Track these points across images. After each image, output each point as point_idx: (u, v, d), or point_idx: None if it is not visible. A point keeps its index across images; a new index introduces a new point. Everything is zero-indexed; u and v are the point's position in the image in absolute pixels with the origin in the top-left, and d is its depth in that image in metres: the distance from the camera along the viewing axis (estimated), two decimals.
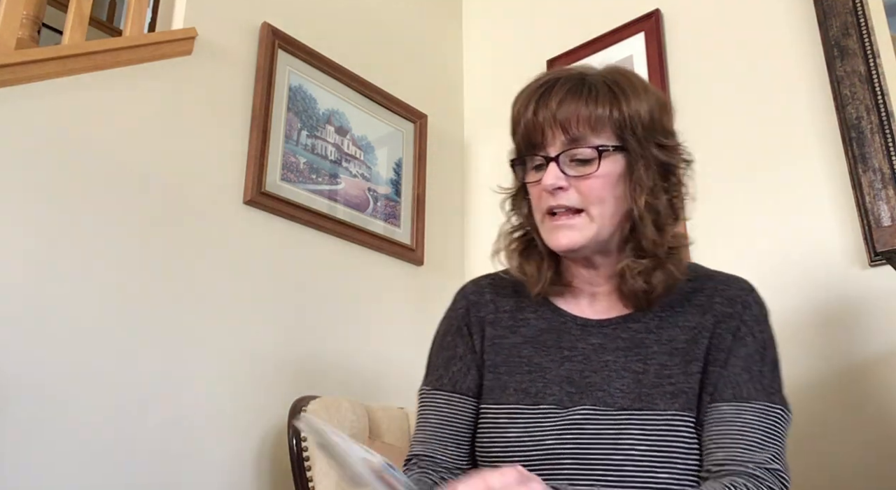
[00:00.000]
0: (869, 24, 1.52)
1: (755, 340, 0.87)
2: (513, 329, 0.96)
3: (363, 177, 1.92)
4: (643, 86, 0.90)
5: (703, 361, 0.86)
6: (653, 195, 0.87)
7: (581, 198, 0.86)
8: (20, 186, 1.27)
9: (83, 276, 1.32)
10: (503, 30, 2.33)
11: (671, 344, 0.88)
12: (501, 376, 0.93)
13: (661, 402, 0.84)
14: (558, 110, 0.86)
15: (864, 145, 1.45)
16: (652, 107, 0.88)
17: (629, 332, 0.90)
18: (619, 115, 0.86)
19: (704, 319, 0.89)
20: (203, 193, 1.55)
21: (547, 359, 0.91)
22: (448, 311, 1.04)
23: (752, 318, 0.88)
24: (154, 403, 1.36)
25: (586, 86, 0.87)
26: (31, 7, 1.47)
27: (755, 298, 0.91)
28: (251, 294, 1.58)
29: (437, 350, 1.02)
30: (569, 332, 0.93)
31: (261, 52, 1.74)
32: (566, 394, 0.88)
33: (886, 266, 1.35)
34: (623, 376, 0.87)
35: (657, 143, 0.88)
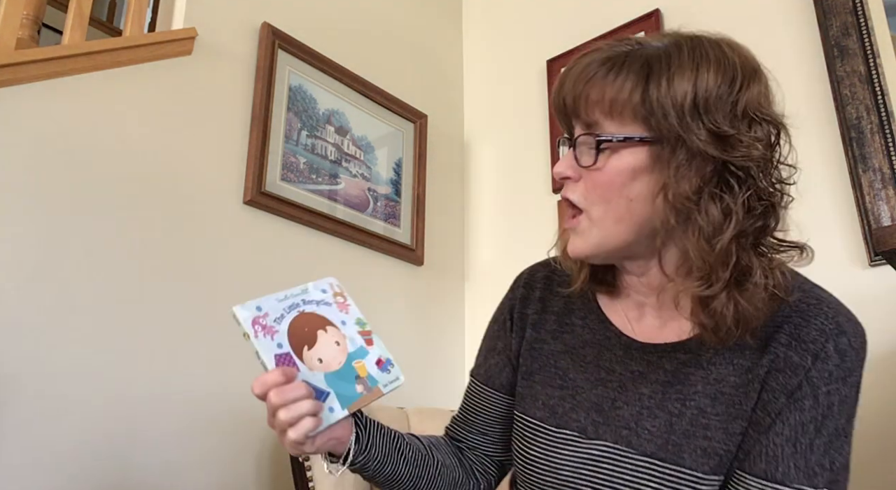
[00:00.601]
0: (869, 24, 1.52)
1: (816, 404, 0.69)
2: (555, 334, 0.88)
3: (363, 177, 1.92)
4: (707, 57, 0.71)
5: (747, 421, 0.71)
6: (690, 200, 0.69)
7: (585, 195, 0.74)
8: (20, 186, 1.27)
9: (83, 275, 1.32)
10: (503, 30, 2.33)
11: (718, 386, 0.73)
12: (534, 385, 0.87)
13: (689, 458, 0.72)
14: (573, 89, 0.74)
15: (864, 145, 1.45)
16: (711, 83, 0.69)
17: (675, 363, 0.76)
18: (640, 98, 0.69)
19: (762, 361, 0.71)
20: (203, 193, 1.55)
21: (582, 376, 0.83)
22: (505, 295, 0.97)
23: (822, 375, 0.69)
24: (154, 403, 1.36)
25: (621, 61, 0.72)
26: (31, 7, 1.47)
27: (839, 345, 0.70)
28: (251, 294, 1.57)
29: (486, 335, 0.98)
30: (611, 351, 0.82)
31: (261, 52, 1.74)
32: (591, 422, 0.79)
33: (886, 266, 1.35)
34: (655, 415, 0.75)
35: (711, 130, 0.68)
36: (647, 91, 0.69)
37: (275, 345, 0.76)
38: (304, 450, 0.74)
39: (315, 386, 0.74)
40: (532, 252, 2.21)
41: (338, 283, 0.85)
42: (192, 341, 1.45)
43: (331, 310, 0.82)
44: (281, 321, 0.78)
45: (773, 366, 0.71)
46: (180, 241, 1.48)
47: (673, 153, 0.69)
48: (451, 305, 2.06)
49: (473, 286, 2.12)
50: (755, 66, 0.73)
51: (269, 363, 0.75)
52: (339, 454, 0.80)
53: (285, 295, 0.81)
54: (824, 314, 0.72)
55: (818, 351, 0.69)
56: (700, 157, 0.69)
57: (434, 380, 1.93)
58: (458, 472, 0.92)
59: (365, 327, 0.84)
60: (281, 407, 0.71)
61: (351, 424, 0.80)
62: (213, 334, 1.48)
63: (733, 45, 0.74)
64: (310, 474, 1.28)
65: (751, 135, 0.69)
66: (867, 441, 1.34)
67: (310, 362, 0.76)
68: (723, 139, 0.69)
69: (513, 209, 2.09)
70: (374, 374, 0.80)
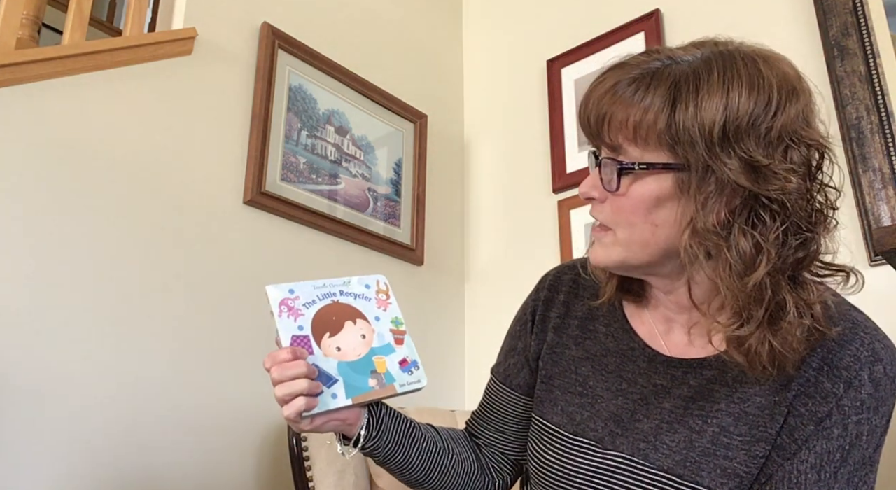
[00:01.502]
0: (869, 24, 1.53)
1: (845, 433, 0.66)
2: (578, 340, 0.86)
3: (363, 177, 1.92)
4: (740, 78, 0.65)
5: (771, 445, 0.69)
6: (720, 235, 0.65)
7: (611, 216, 0.72)
8: (20, 186, 1.27)
9: (83, 275, 1.32)
10: (503, 30, 2.33)
11: (742, 405, 0.71)
12: (554, 390, 0.86)
13: (708, 477, 0.69)
14: (596, 109, 0.70)
15: (864, 145, 1.45)
16: (744, 107, 0.64)
17: (700, 379, 0.74)
18: (665, 124, 0.65)
19: (790, 385, 0.69)
20: (203, 193, 1.55)
21: (602, 385, 0.81)
22: (529, 294, 0.95)
23: (854, 404, 0.66)
24: (154, 403, 1.36)
25: (646, 80, 0.67)
26: (31, 7, 1.47)
27: (874, 374, 0.66)
28: (251, 294, 1.58)
29: (509, 333, 0.97)
30: (634, 362, 0.80)
31: (261, 52, 1.74)
32: (609, 432, 0.78)
33: (886, 266, 1.35)
34: (676, 430, 0.73)
35: (744, 159, 0.63)
36: (673, 116, 0.65)
37: (296, 326, 0.79)
38: (301, 427, 0.76)
39: (324, 370, 0.76)
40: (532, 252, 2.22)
41: (385, 282, 0.86)
42: (192, 341, 1.45)
43: (368, 305, 0.83)
44: (310, 306, 0.80)
45: (802, 390, 0.68)
46: (180, 240, 1.48)
47: (700, 183, 0.65)
48: (451, 305, 2.07)
49: (473, 286, 2.12)
50: (794, 83, 0.68)
51: (285, 341, 0.77)
52: (351, 437, 0.82)
53: (324, 283, 0.82)
54: (860, 340, 0.68)
55: (851, 379, 0.66)
56: (730, 188, 0.64)
57: (434, 380, 1.93)
58: (474, 466, 0.93)
59: (400, 327, 0.85)
60: (278, 382, 0.73)
61: (363, 410, 0.82)
62: (213, 334, 1.48)
63: (771, 59, 0.69)
64: (310, 474, 1.28)
65: (787, 164, 0.64)
66: None
67: (327, 348, 0.78)
68: (756, 169, 0.64)
69: (513, 209, 2.09)
70: (394, 371, 0.81)
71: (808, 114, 0.68)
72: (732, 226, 0.65)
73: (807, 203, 0.66)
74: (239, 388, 1.49)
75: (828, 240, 0.69)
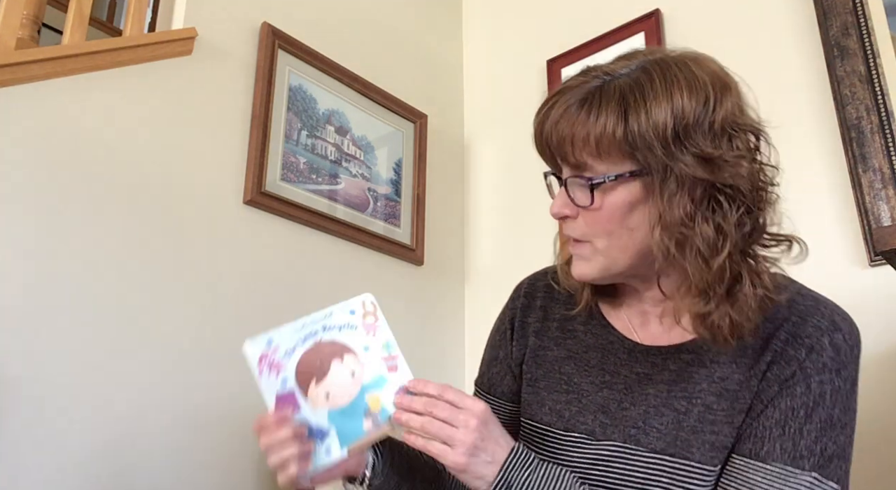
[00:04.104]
0: (869, 24, 1.52)
1: (808, 392, 0.71)
2: (558, 341, 0.89)
3: (363, 177, 1.92)
4: (677, 80, 0.71)
5: (747, 413, 0.74)
6: (685, 226, 0.70)
7: (587, 229, 0.76)
8: (20, 186, 1.27)
9: (83, 276, 1.32)
10: (503, 30, 2.33)
11: (722, 384, 0.75)
12: (540, 391, 0.88)
13: (698, 452, 0.74)
14: (554, 132, 0.74)
15: (864, 145, 1.45)
16: (685, 107, 0.69)
17: (679, 364, 0.79)
18: (623, 133, 0.70)
19: (762, 359, 0.74)
20: (203, 193, 1.55)
21: (587, 380, 0.84)
22: (505, 305, 0.98)
23: (815, 366, 0.71)
24: (154, 403, 1.36)
25: (595, 97, 0.72)
26: (31, 7, 1.47)
27: (834, 340, 0.72)
28: (251, 294, 1.58)
29: (489, 344, 0.99)
30: (615, 354, 0.84)
31: (261, 52, 1.74)
32: (599, 424, 0.81)
33: (886, 266, 1.35)
34: (663, 413, 0.77)
35: (696, 154, 0.69)
36: (628, 126, 0.70)
37: (279, 382, 0.75)
38: (303, 486, 0.75)
39: (314, 425, 0.73)
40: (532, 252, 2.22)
41: (371, 301, 0.79)
42: (192, 341, 1.45)
43: (354, 334, 0.76)
44: (291, 354, 0.76)
45: (771, 361, 0.73)
46: (180, 241, 1.48)
47: (663, 182, 0.70)
48: (451, 305, 2.06)
49: (473, 286, 2.12)
50: (724, 78, 0.74)
51: (270, 403, 0.74)
52: (357, 475, 0.82)
53: (303, 323, 0.77)
54: (820, 313, 0.75)
55: (813, 344, 0.72)
56: (690, 182, 0.70)
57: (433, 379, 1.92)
58: None
59: (391, 352, 0.77)
60: (267, 449, 0.74)
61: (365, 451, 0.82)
62: (213, 334, 1.48)
63: (699, 60, 0.74)
64: None
65: (734, 152, 0.71)
66: (868, 443, 1.34)
67: (315, 399, 0.75)
68: (708, 161, 0.70)
69: (513, 209, 2.09)
70: (388, 405, 0.75)
71: (741, 103, 0.74)
72: (696, 215, 0.70)
73: (754, 183, 0.73)
74: (239, 388, 1.49)
75: (772, 213, 0.76)
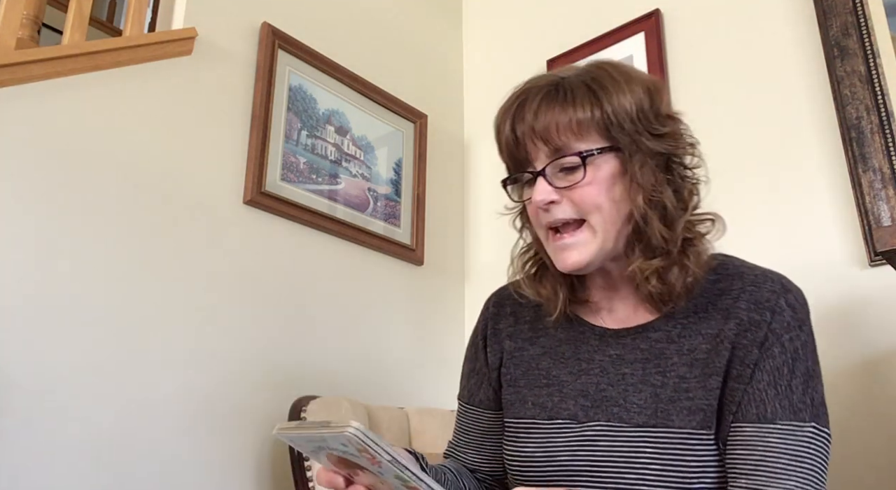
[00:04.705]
0: (869, 24, 1.52)
1: (783, 351, 0.79)
2: (532, 340, 0.94)
3: (363, 177, 1.92)
4: (626, 76, 0.84)
5: (722, 376, 0.80)
6: (655, 190, 0.81)
7: (576, 208, 0.82)
8: (20, 186, 1.27)
9: (83, 275, 1.32)
10: (503, 30, 2.33)
11: (692, 354, 0.82)
12: (521, 390, 0.92)
13: (678, 419, 0.80)
14: (535, 121, 0.82)
15: (864, 145, 1.45)
16: (639, 96, 0.82)
17: (649, 342, 0.85)
18: (601, 114, 0.81)
19: (727, 327, 0.81)
20: (203, 193, 1.55)
21: (564, 371, 0.89)
22: (477, 319, 1.03)
23: (781, 326, 0.80)
24: (154, 403, 1.36)
25: (562, 90, 0.82)
26: (31, 7, 1.47)
27: (789, 300, 0.81)
28: (251, 294, 1.58)
29: (466, 358, 1.04)
30: (587, 343, 0.89)
31: (261, 52, 1.74)
32: (581, 408, 0.85)
33: (886, 266, 1.35)
34: (640, 390, 0.83)
35: (652, 133, 0.82)
36: (602, 108, 0.81)
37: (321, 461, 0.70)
38: None
39: None
40: None
41: (357, 440, 0.62)
42: (192, 341, 1.45)
43: (360, 460, 0.67)
44: (317, 454, 0.71)
45: (739, 328, 0.81)
46: (180, 241, 1.48)
47: (633, 157, 0.81)
48: (451, 305, 2.06)
49: (473, 286, 2.12)
50: (650, 76, 0.89)
51: None
52: None
53: (308, 438, 0.68)
54: (771, 279, 0.84)
55: (773, 307, 0.81)
56: (651, 155, 0.82)
57: (434, 380, 1.93)
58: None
59: (409, 483, 0.65)
60: None
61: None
62: (213, 334, 1.48)
63: (625, 64, 0.88)
64: (310, 474, 1.28)
65: (676, 130, 0.85)
66: (869, 442, 1.34)
67: None
68: (663, 138, 0.83)
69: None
70: None
71: (668, 96, 0.87)
72: (661, 183, 0.82)
73: (692, 159, 0.87)
74: (239, 388, 1.49)
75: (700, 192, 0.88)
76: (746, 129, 1.67)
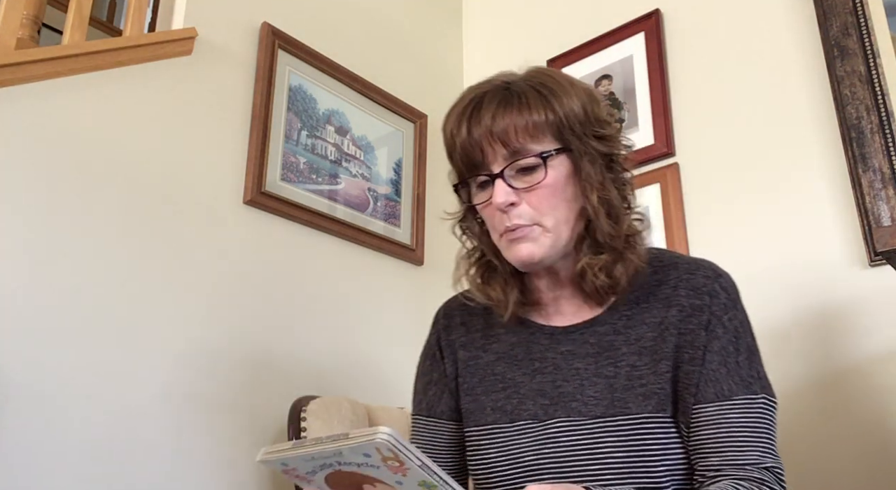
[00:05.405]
0: (869, 24, 1.52)
1: (726, 330, 0.84)
2: (485, 347, 0.96)
3: (363, 177, 1.92)
4: (569, 81, 0.88)
5: (672, 360, 0.84)
6: (603, 189, 0.85)
7: (534, 211, 0.84)
8: (20, 186, 1.27)
9: (83, 276, 1.32)
10: (503, 30, 2.33)
11: (639, 343, 0.86)
12: (479, 397, 0.93)
13: (634, 406, 0.83)
14: (494, 124, 0.84)
15: (864, 145, 1.45)
16: (583, 101, 0.86)
17: (597, 336, 0.89)
18: (554, 117, 0.84)
19: (669, 314, 0.86)
20: (203, 193, 1.55)
21: (519, 373, 0.91)
22: (428, 333, 1.05)
23: (720, 308, 0.85)
24: (154, 403, 1.36)
25: (515, 94, 0.85)
26: (31, 7, 1.46)
27: (722, 284, 0.87)
28: (251, 294, 1.58)
29: (418, 376, 1.04)
30: (538, 343, 0.92)
31: (261, 52, 1.74)
32: (541, 407, 0.87)
33: (886, 266, 1.35)
34: (595, 383, 0.86)
35: (596, 135, 0.86)
36: (554, 111, 0.84)
37: None
38: None
39: None
40: None
41: (390, 446, 0.58)
42: (192, 341, 1.45)
43: (379, 472, 0.62)
44: (314, 475, 0.67)
45: (682, 314, 0.85)
46: (180, 241, 1.48)
47: (582, 157, 0.85)
48: None
49: None
50: (585, 83, 0.93)
51: None
52: None
53: (311, 455, 0.63)
54: (702, 266, 0.89)
55: (709, 291, 0.86)
56: (597, 155, 0.86)
57: None
58: None
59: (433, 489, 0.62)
60: None
61: None
62: (213, 334, 1.48)
63: (562, 72, 0.94)
64: None
65: (613, 132, 0.88)
66: (870, 441, 1.34)
67: None
68: (606, 139, 0.87)
69: None
70: None
71: (603, 101, 0.91)
72: (606, 181, 0.86)
73: (626, 159, 0.90)
74: (238, 387, 1.49)
75: None
76: (746, 129, 1.67)
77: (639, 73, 1.89)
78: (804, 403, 1.42)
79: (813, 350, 1.44)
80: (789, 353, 1.46)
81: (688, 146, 1.76)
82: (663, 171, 1.76)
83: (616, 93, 1.93)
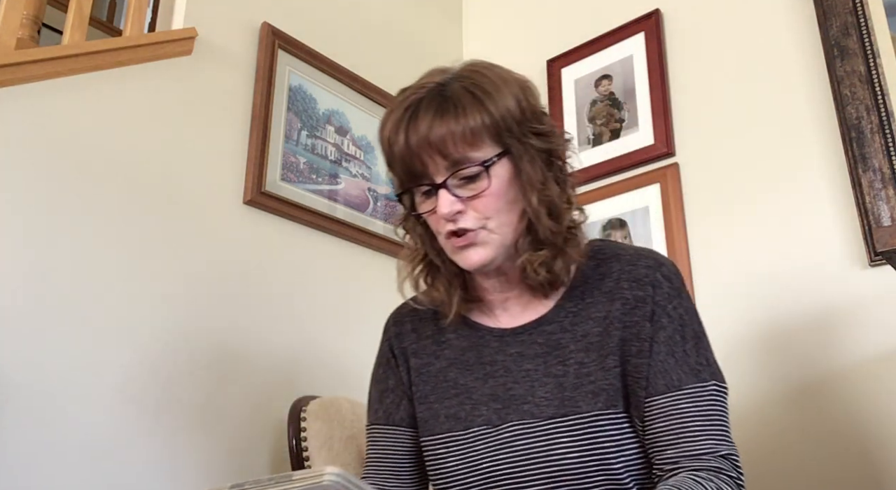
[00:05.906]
0: (869, 24, 1.53)
1: (671, 320, 0.84)
2: (436, 354, 0.95)
3: (363, 177, 1.92)
4: (502, 77, 0.87)
5: (619, 355, 0.84)
6: (544, 188, 0.85)
7: (479, 217, 0.84)
8: (20, 186, 1.27)
9: (82, 276, 1.32)
10: (503, 30, 2.33)
11: (586, 340, 0.86)
12: (432, 405, 0.93)
13: (584, 404, 0.82)
14: (431, 133, 0.82)
15: (864, 145, 1.45)
16: (517, 96, 0.85)
17: (545, 336, 0.88)
18: (491, 120, 0.82)
19: (613, 307, 0.86)
20: (203, 193, 1.55)
21: (471, 378, 0.90)
22: (380, 343, 1.05)
23: (663, 297, 0.84)
24: (154, 403, 1.36)
25: (450, 100, 0.84)
26: (31, 7, 1.46)
27: (664, 273, 0.86)
28: (251, 294, 1.58)
29: (372, 385, 1.04)
30: (487, 346, 0.91)
31: (261, 52, 1.74)
32: (494, 411, 0.87)
33: (886, 266, 1.35)
34: (545, 383, 0.85)
35: (534, 131, 0.85)
36: (490, 114, 0.83)
37: None
38: None
39: None
40: None
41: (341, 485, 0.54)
42: (191, 341, 1.45)
43: None
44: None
45: (626, 307, 0.85)
46: (180, 241, 1.48)
47: (522, 158, 0.84)
48: None
49: None
50: (521, 75, 0.91)
51: None
52: None
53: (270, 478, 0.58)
54: (643, 256, 0.89)
55: (651, 281, 0.85)
56: (536, 154, 0.85)
57: None
58: None
59: None
60: None
61: None
62: (213, 335, 1.48)
63: (496, 65, 0.91)
64: None
65: (551, 128, 0.88)
66: (870, 440, 1.34)
67: None
68: (543, 136, 0.86)
69: None
70: None
71: (537, 94, 0.90)
72: (547, 179, 0.85)
73: (564, 153, 0.89)
74: (238, 387, 1.49)
75: None
76: (746, 129, 1.67)
77: (639, 73, 1.89)
78: (804, 403, 1.42)
79: (813, 350, 1.44)
80: (789, 353, 1.46)
81: (688, 146, 1.76)
82: (663, 171, 1.76)
83: (616, 93, 1.93)
